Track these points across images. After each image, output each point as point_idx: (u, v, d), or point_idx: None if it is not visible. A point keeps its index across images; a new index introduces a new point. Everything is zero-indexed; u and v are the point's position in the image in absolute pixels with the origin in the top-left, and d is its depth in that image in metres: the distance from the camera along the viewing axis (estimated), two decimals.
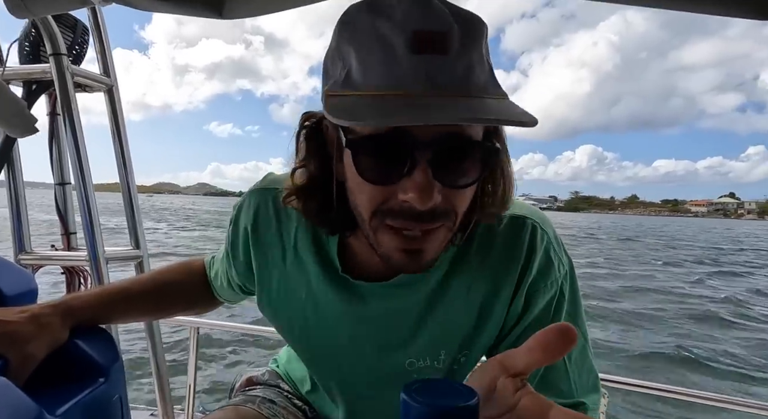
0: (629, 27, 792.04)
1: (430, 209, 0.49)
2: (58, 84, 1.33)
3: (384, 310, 0.64)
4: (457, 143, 0.48)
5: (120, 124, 1.53)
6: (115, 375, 0.65)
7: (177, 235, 22.92)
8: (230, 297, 0.85)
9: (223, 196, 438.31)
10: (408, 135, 0.47)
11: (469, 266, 0.62)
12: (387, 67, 0.46)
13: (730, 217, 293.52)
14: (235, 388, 0.92)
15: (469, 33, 0.48)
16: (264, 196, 0.69)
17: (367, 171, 0.50)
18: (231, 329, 1.94)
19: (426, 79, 0.45)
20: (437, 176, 0.48)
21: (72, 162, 1.38)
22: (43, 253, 1.53)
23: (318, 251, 0.65)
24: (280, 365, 0.93)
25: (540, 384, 0.62)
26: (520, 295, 0.61)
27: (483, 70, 0.49)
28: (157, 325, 1.58)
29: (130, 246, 1.54)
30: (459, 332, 0.64)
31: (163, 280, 0.82)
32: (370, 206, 0.52)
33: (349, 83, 0.48)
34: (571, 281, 0.64)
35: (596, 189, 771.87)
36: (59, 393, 0.58)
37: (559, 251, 0.63)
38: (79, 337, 0.65)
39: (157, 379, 1.58)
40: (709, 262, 20.81)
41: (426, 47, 0.45)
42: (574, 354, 0.63)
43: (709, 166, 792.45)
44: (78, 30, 1.45)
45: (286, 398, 0.85)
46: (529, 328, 0.62)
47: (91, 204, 1.37)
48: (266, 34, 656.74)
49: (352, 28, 0.49)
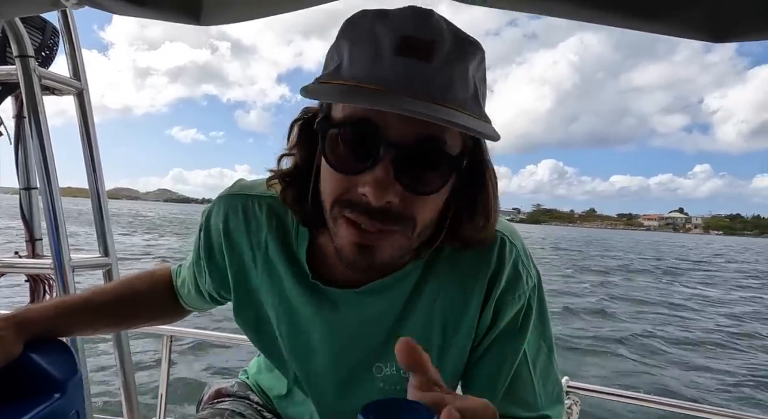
0: (587, 48, 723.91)
1: (384, 208, 0.50)
2: (25, 87, 1.29)
3: (354, 316, 0.64)
4: (426, 149, 0.49)
5: (90, 128, 1.49)
6: (73, 390, 0.63)
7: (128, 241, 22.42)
8: (198, 305, 0.84)
9: (185, 203, 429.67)
10: (378, 129, 0.48)
11: (438, 276, 0.62)
12: (371, 63, 0.49)
13: (679, 231, 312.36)
14: (204, 400, 0.90)
15: (457, 50, 0.50)
16: (233, 202, 0.69)
17: (333, 157, 0.52)
18: (205, 338, 1.90)
19: (404, 79, 0.47)
20: (398, 176, 0.49)
21: (38, 166, 1.33)
22: (6, 260, 1.48)
23: (288, 257, 0.65)
24: (250, 376, 0.92)
25: (506, 395, 0.62)
26: (489, 308, 0.62)
27: (465, 88, 0.50)
28: (125, 336, 1.54)
29: (98, 253, 1.50)
30: (427, 341, 0.64)
31: (127, 290, 0.80)
32: (332, 195, 0.53)
33: (337, 74, 0.51)
34: (539, 294, 0.65)
35: (557, 202, 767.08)
36: (10, 410, 0.55)
37: (527, 263, 0.64)
38: (35, 351, 0.63)
39: (124, 390, 1.54)
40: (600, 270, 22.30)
41: (411, 52, 0.48)
42: (540, 364, 0.64)
43: (660, 182, 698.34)
44: (47, 32, 1.42)
45: (256, 410, 0.84)
46: (496, 340, 0.63)
47: (57, 210, 1.33)
48: (233, 40, 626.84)
49: (352, 27, 0.52)
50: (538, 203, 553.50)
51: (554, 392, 0.65)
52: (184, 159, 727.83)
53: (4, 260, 1.47)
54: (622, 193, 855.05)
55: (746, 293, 16.59)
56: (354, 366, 0.66)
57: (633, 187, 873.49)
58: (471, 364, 0.65)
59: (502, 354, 0.62)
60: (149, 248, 18.28)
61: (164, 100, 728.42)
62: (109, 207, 1.48)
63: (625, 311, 10.97)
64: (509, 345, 0.62)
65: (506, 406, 0.62)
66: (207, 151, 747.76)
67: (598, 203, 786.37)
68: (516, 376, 0.62)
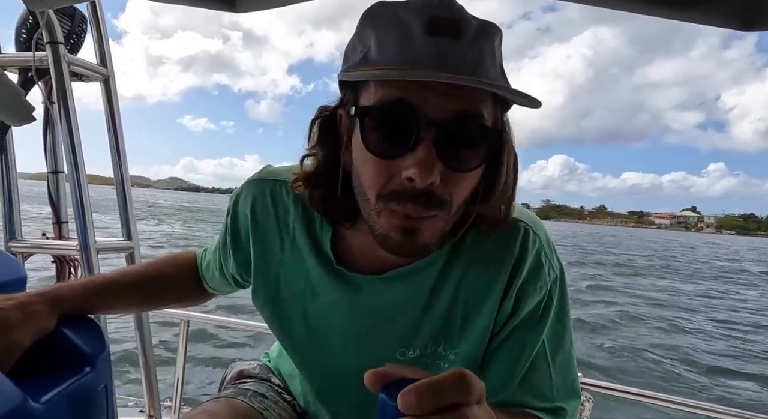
0: (601, 43, 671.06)
1: (426, 190, 0.49)
2: (54, 73, 1.32)
3: (379, 302, 0.65)
4: (464, 124, 0.50)
5: (116, 115, 1.53)
6: (102, 365, 0.66)
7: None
8: (221, 288, 0.86)
9: (195, 191, 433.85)
10: (415, 109, 0.48)
11: (462, 262, 0.63)
12: (402, 45, 0.49)
13: (690, 230, 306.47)
14: (226, 380, 0.92)
15: (482, 29, 0.51)
16: (262, 187, 0.70)
17: (373, 143, 0.51)
18: (222, 323, 1.93)
19: (437, 56, 0.48)
20: (440, 155, 0.49)
21: (66, 152, 1.37)
22: (34, 241, 1.53)
23: (313, 243, 0.66)
24: (272, 359, 0.94)
25: (521, 384, 0.63)
26: (510, 297, 0.62)
27: (494, 65, 0.51)
28: (146, 318, 1.58)
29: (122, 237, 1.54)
30: (449, 325, 0.64)
31: (153, 272, 0.83)
32: (375, 187, 0.52)
33: (366, 61, 0.52)
34: (560, 286, 0.64)
35: (567, 199, 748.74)
36: (44, 381, 0.58)
37: (550, 255, 0.64)
38: (67, 326, 0.66)
39: (144, 371, 1.58)
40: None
41: (441, 31, 0.48)
42: (560, 357, 0.64)
43: (672, 180, 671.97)
44: (76, 19, 1.45)
45: (277, 392, 0.86)
46: (515, 330, 0.63)
47: (84, 194, 1.37)
48: (245, 30, 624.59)
49: (374, 15, 0.53)
50: (548, 198, 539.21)
51: (572, 386, 0.65)
52: (194, 148, 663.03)
53: (33, 241, 1.53)
54: (634, 190, 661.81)
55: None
56: (377, 350, 0.67)
57: (645, 184, 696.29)
58: (489, 352, 0.65)
59: (520, 343, 0.63)
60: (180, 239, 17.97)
61: (176, 89, 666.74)
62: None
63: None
64: (528, 335, 0.63)
65: (521, 395, 0.62)
66: (217, 140, 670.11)
67: (608, 200, 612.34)
68: (533, 366, 0.63)
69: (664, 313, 10.82)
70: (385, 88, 0.50)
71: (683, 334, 8.90)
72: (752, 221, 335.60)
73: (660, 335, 8.64)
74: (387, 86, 0.50)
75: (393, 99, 0.49)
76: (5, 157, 1.48)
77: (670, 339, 8.39)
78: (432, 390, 0.33)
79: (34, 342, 0.61)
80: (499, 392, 0.63)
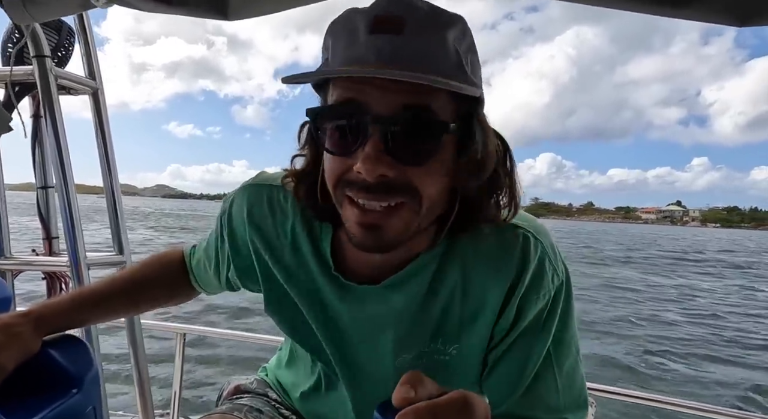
0: (583, 42, 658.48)
1: (380, 182, 0.50)
2: (41, 86, 1.30)
3: (375, 310, 0.64)
4: (411, 117, 0.50)
5: (105, 127, 1.51)
6: (90, 386, 0.64)
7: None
8: (211, 288, 0.85)
9: (183, 198, 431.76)
10: (361, 106, 0.50)
11: (457, 266, 0.62)
12: (349, 48, 0.51)
13: (676, 224, 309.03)
14: (223, 396, 0.90)
15: (430, 21, 0.51)
16: (258, 191, 0.69)
17: (327, 142, 0.54)
18: (218, 335, 1.91)
19: (375, 54, 0.49)
20: (389, 148, 0.50)
21: (54, 165, 1.35)
22: (23, 258, 1.50)
23: (314, 247, 0.66)
24: (269, 372, 0.92)
25: (526, 395, 0.61)
26: (512, 305, 0.60)
27: (447, 57, 0.51)
28: (139, 331, 1.55)
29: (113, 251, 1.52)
30: (445, 330, 0.63)
31: (139, 276, 0.82)
32: (332, 178, 0.55)
33: (326, 67, 0.54)
34: (566, 292, 0.62)
35: (555, 196, 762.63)
36: (29, 405, 0.56)
37: (554, 261, 0.62)
38: (52, 346, 0.64)
39: (138, 386, 1.55)
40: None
41: (381, 28, 0.49)
42: (566, 367, 0.62)
43: (657, 175, 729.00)
44: (63, 32, 1.43)
45: (274, 407, 0.84)
46: (519, 338, 0.61)
47: (73, 208, 1.34)
48: (229, 35, 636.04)
49: (333, 23, 0.54)
50: (537, 197, 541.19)
51: (579, 396, 0.63)
52: (181, 155, 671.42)
53: (22, 258, 1.50)
54: (620, 186, 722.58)
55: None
56: (380, 355, 0.66)
57: (631, 180, 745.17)
58: (491, 362, 0.64)
59: (524, 352, 0.61)
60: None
61: (161, 96, 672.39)
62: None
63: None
64: (532, 343, 0.61)
65: (525, 406, 0.61)
66: (204, 146, 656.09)
67: (596, 197, 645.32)
68: (538, 376, 0.61)
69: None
70: (338, 90, 0.52)
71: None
72: (735, 213, 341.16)
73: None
74: (339, 88, 0.52)
75: (342, 99, 0.51)
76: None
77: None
78: (431, 415, 0.31)
79: (18, 364, 0.59)
80: (503, 403, 0.62)
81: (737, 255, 37.57)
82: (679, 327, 9.58)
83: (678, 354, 7.44)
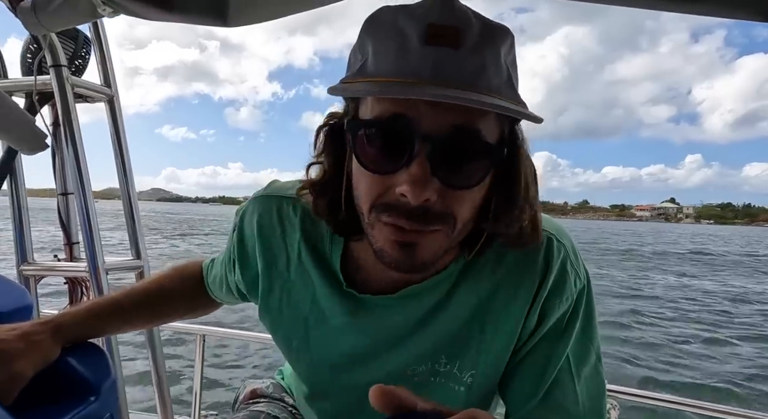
0: (572, 42, 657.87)
1: (423, 206, 0.47)
2: (59, 95, 1.33)
3: (390, 322, 0.62)
4: (461, 139, 0.47)
5: (121, 133, 1.54)
6: (107, 393, 0.64)
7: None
8: (229, 300, 0.84)
9: (178, 201, 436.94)
10: (410, 123, 0.46)
11: (479, 278, 0.60)
12: (398, 56, 0.47)
13: (671, 221, 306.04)
14: (239, 400, 0.90)
15: (486, 35, 0.48)
16: (268, 203, 0.68)
17: (366, 158, 0.49)
18: (237, 337, 1.93)
19: (433, 68, 0.45)
20: (436, 171, 0.47)
21: (72, 172, 1.38)
22: (45, 264, 1.54)
23: (321, 264, 0.64)
24: (285, 376, 0.92)
25: (544, 401, 0.59)
26: (534, 312, 0.59)
27: (498, 74, 0.48)
28: (158, 337, 1.58)
29: (131, 256, 1.54)
30: (465, 341, 0.61)
31: (157, 288, 0.82)
32: (368, 199, 0.51)
33: (363, 72, 0.49)
34: (587, 296, 0.61)
35: (551, 195, 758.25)
36: (47, 413, 0.57)
37: (576, 263, 0.60)
38: (71, 354, 0.64)
39: (157, 388, 1.57)
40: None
41: (437, 40, 0.46)
42: (586, 371, 0.61)
43: (651, 173, 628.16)
44: (79, 41, 1.46)
45: (291, 413, 0.84)
46: (539, 344, 0.60)
47: (91, 214, 1.37)
48: (221, 39, 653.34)
49: (375, 22, 0.50)
50: None
51: (598, 403, 0.61)
52: (176, 158, 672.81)
53: (45, 264, 1.53)
54: (615, 184, 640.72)
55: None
56: (385, 368, 0.64)
57: (625, 178, 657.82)
58: (510, 367, 0.62)
59: (544, 357, 0.59)
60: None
61: (155, 99, 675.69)
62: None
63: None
64: (552, 348, 0.59)
65: (543, 413, 0.59)
66: (198, 149, 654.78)
67: (591, 195, 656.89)
68: (557, 382, 0.59)
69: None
70: (382, 103, 0.48)
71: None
72: (729, 210, 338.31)
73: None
74: (383, 100, 0.48)
75: (389, 114, 0.47)
76: (15, 181, 1.49)
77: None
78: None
79: (37, 372, 0.60)
80: (521, 409, 0.60)
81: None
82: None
83: None
